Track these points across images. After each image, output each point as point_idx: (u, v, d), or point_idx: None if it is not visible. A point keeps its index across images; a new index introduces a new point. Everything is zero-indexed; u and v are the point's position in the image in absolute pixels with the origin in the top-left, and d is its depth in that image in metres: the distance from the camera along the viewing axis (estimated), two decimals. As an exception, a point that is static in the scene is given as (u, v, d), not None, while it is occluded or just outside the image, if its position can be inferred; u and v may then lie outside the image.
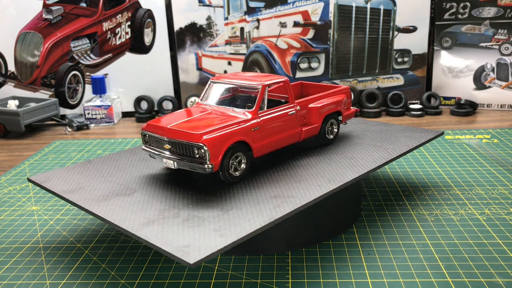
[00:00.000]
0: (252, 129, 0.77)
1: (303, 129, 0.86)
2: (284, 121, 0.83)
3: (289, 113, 0.83)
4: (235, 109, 0.81)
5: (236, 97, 0.90)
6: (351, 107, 0.98)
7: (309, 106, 0.88)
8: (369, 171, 0.80)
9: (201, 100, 0.87)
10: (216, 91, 0.89)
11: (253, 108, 0.79)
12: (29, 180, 0.83)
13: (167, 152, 0.76)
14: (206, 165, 0.71)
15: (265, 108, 0.80)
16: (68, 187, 0.78)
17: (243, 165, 0.76)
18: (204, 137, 0.71)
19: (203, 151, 0.71)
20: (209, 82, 0.89)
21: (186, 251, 0.58)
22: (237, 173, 0.76)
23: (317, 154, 0.88)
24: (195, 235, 0.62)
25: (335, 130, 0.94)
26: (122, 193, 0.76)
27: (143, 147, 0.81)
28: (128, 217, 0.67)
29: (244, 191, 0.74)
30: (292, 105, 0.85)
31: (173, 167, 0.75)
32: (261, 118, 0.79)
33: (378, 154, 0.88)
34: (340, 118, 0.94)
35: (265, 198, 0.71)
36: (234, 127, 0.75)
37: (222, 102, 0.87)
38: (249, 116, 0.78)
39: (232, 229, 0.63)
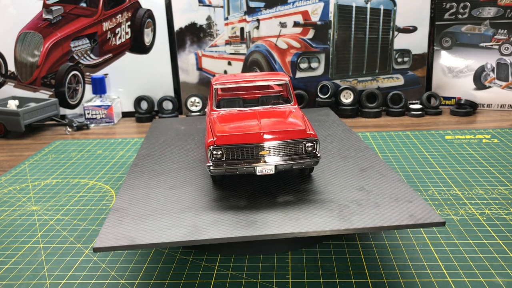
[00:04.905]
0: None
1: None
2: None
3: None
4: (278, 106, 0.83)
5: (258, 96, 0.92)
6: None
7: None
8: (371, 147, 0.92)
9: (216, 106, 0.85)
10: (231, 95, 0.91)
11: (292, 101, 0.83)
12: (98, 250, 0.61)
13: (264, 159, 0.72)
14: (318, 157, 0.73)
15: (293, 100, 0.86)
16: (180, 232, 0.64)
17: None
18: (308, 131, 0.73)
19: (315, 144, 0.72)
20: (215, 87, 0.87)
21: (419, 218, 0.63)
22: None
23: None
24: (386, 213, 0.66)
25: None
26: (247, 213, 0.68)
27: (215, 168, 0.72)
28: (312, 221, 0.64)
29: (333, 173, 0.80)
30: None
31: (272, 172, 0.72)
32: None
33: (349, 135, 0.99)
34: None
35: (353, 171, 0.80)
36: (306, 119, 0.78)
37: (247, 103, 0.89)
38: (296, 108, 0.82)
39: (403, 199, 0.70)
